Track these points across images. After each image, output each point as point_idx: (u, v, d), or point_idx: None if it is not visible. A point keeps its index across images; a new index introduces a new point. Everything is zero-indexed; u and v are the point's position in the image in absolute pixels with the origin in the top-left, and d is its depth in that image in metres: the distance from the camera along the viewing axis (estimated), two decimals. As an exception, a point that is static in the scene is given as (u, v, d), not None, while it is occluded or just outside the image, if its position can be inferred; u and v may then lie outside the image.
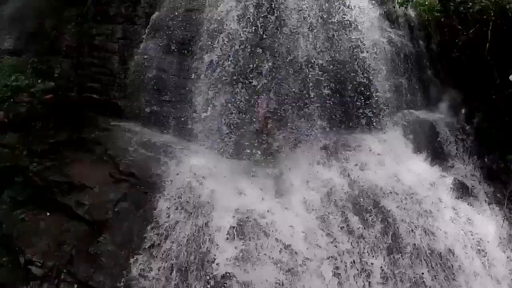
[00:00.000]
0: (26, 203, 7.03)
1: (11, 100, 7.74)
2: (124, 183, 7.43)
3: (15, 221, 6.82)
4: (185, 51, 8.44)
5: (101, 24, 8.91)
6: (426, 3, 8.37)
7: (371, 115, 8.45)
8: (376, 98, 8.49)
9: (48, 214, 7.03)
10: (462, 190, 7.88)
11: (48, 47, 8.98)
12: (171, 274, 6.34)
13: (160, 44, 8.62)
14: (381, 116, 8.53)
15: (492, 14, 7.45)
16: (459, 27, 8.38)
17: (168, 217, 6.91)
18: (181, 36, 8.51)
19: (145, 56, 8.67)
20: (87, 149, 8.03)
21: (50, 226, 6.91)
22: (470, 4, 7.73)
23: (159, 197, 7.18)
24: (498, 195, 7.84)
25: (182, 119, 8.34)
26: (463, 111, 8.92)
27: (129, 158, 7.82)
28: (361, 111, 8.39)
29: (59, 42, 9.04)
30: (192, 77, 8.28)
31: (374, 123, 8.50)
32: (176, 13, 8.61)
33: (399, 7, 8.76)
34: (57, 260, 6.52)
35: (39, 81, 8.22)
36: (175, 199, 7.15)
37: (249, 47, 7.99)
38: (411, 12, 9.11)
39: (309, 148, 8.14)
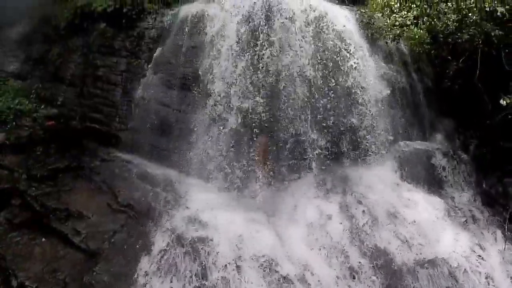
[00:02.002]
0: (22, 226, 6.84)
1: (14, 123, 7.81)
2: (121, 214, 7.34)
3: (9, 243, 6.59)
4: (187, 87, 8.68)
5: (105, 56, 9.18)
6: (417, 37, 8.66)
7: (367, 148, 8.60)
8: (372, 132, 8.71)
9: (43, 239, 6.80)
10: (462, 218, 7.88)
11: (52, 74, 9.22)
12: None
13: (163, 79, 8.86)
14: (377, 149, 8.68)
15: (480, 42, 7.85)
16: (449, 57, 8.77)
17: (165, 250, 6.77)
18: (183, 72, 8.75)
19: (148, 90, 8.87)
20: (86, 178, 7.98)
21: (45, 251, 6.66)
22: (458, 34, 8.09)
23: (157, 230, 7.14)
24: (498, 219, 7.82)
25: (182, 153, 8.40)
26: (458, 139, 9.19)
27: (127, 189, 7.78)
28: (357, 143, 8.53)
29: (64, 70, 9.28)
30: (193, 112, 8.53)
31: (370, 156, 8.61)
32: (179, 50, 8.90)
33: (391, 42, 9.17)
34: (51, 286, 6.24)
35: (42, 107, 8.35)
36: (172, 233, 7.07)
37: (248, 83, 8.26)
38: (403, 47, 9.50)
39: (307, 183, 8.16)
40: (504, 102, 7.26)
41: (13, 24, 9.40)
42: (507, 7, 7.32)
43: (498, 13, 7.49)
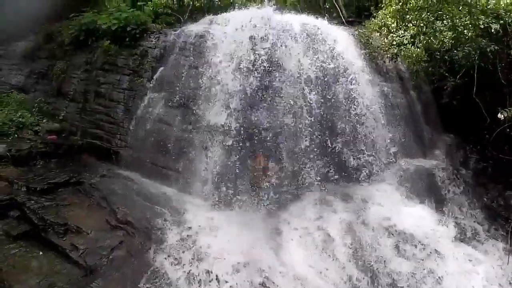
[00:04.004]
0: (19, 238, 6.69)
1: (15, 135, 7.84)
2: (120, 231, 7.23)
3: (6, 255, 6.41)
4: (188, 105, 8.73)
5: (108, 73, 9.34)
6: (414, 55, 8.76)
7: (367, 166, 8.57)
8: (372, 150, 8.70)
9: (40, 253, 6.64)
10: (464, 233, 7.86)
11: (55, 89, 9.36)
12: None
13: (164, 97, 8.93)
14: (378, 166, 8.65)
15: (476, 58, 8.00)
16: (446, 74, 8.91)
17: (163, 269, 6.62)
18: (184, 91, 8.83)
19: (149, 108, 8.94)
20: (86, 193, 7.91)
21: (42, 265, 6.48)
22: (455, 51, 8.31)
23: (156, 248, 7.00)
24: (500, 232, 7.82)
25: (182, 171, 8.38)
26: (458, 154, 9.21)
27: (127, 206, 7.68)
28: (358, 162, 8.52)
29: (67, 85, 9.43)
30: (194, 130, 8.53)
31: (371, 174, 8.58)
32: (181, 69, 9.04)
33: (389, 61, 9.36)
34: (47, 301, 6.18)
35: (44, 120, 8.42)
36: (171, 251, 6.94)
37: (249, 103, 8.37)
38: (400, 65, 9.66)
39: (308, 200, 8.10)
40: (502, 116, 7.34)
41: (19, 38, 9.60)
42: (501, 22, 7.56)
43: (492, 30, 7.72)
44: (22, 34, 10.03)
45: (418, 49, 8.68)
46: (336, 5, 13.45)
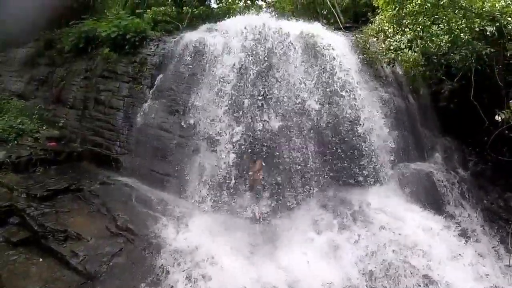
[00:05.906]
0: (19, 245, 6.71)
1: (15, 142, 7.87)
2: (120, 238, 7.25)
3: (6, 261, 6.44)
4: (187, 112, 8.75)
5: (108, 81, 9.42)
6: (411, 59, 8.81)
7: (367, 170, 8.55)
8: (371, 154, 8.69)
9: (40, 259, 6.65)
10: (465, 235, 7.81)
11: (55, 96, 9.39)
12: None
13: (164, 105, 8.99)
14: (377, 171, 8.64)
15: (472, 61, 8.04)
16: (444, 77, 9.01)
17: (163, 275, 6.62)
18: (183, 98, 8.91)
19: (148, 115, 8.99)
20: (86, 200, 7.93)
21: (41, 272, 6.49)
22: (452, 55, 8.35)
23: (156, 255, 6.99)
24: (501, 233, 7.82)
25: (182, 178, 8.38)
26: (457, 157, 9.24)
27: (127, 213, 7.72)
28: (357, 167, 8.51)
29: (67, 92, 9.49)
30: (193, 137, 8.56)
31: (370, 178, 8.56)
32: (180, 76, 9.11)
33: (386, 66, 9.42)
34: (46, 307, 6.14)
35: (44, 127, 8.46)
36: (171, 257, 6.93)
37: (247, 109, 8.37)
38: (398, 70, 9.72)
39: (307, 207, 8.09)
40: (499, 118, 7.29)
41: (19, 45, 9.66)
42: (497, 24, 7.58)
43: (488, 32, 7.77)
44: (22, 41, 10.15)
45: (415, 54, 8.71)
46: (334, 11, 13.64)
